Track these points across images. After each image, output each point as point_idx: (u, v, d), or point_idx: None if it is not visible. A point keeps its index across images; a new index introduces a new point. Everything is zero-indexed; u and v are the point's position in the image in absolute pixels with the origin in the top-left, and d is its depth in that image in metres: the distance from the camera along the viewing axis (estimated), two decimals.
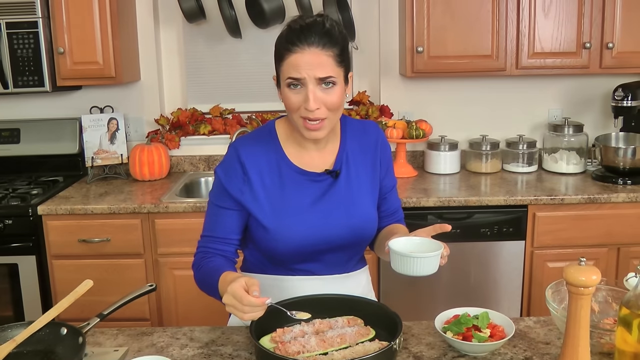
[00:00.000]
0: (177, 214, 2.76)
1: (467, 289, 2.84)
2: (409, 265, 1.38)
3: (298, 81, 1.48)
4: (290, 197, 1.58)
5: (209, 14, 3.26)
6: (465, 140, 3.34)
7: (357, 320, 1.51)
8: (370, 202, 1.66)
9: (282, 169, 1.59)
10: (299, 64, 1.47)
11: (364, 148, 1.67)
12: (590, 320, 1.42)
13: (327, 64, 1.48)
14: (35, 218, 2.76)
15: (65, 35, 2.90)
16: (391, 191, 1.74)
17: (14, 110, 3.33)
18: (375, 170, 1.68)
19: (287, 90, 1.51)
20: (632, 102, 2.96)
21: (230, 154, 1.61)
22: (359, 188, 1.64)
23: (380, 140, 1.71)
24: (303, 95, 1.48)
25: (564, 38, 2.95)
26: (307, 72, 1.46)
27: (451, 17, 2.92)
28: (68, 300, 1.51)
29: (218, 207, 1.61)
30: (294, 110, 1.51)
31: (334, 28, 1.52)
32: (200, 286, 1.59)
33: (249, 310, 1.32)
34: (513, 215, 2.77)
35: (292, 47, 1.48)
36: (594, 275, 1.23)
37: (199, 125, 3.31)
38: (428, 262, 1.38)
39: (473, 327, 1.45)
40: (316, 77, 1.47)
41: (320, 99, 1.48)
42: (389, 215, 1.74)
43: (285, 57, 1.50)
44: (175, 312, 2.86)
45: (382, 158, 1.70)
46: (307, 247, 1.58)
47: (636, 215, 2.78)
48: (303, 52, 1.47)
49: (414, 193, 2.83)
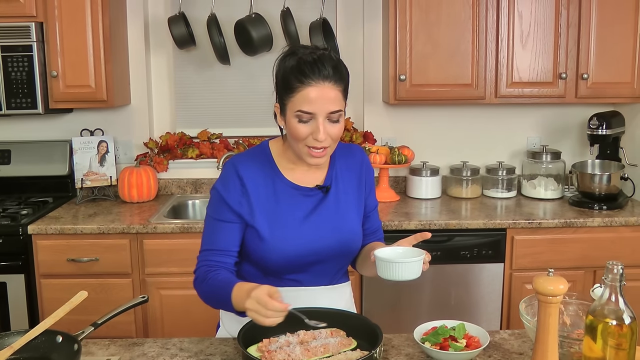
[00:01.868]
0: (165, 234, 2.82)
1: (448, 309, 2.91)
2: (394, 270, 1.49)
3: (309, 115, 1.53)
4: (283, 210, 1.66)
5: (198, 40, 3.36)
6: (446, 166, 3.44)
7: (340, 332, 1.58)
8: (356, 218, 1.75)
9: (276, 183, 1.67)
10: (312, 99, 1.52)
11: (350, 167, 1.77)
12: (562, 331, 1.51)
13: (337, 99, 1.55)
14: (25, 237, 2.80)
15: (59, 59, 2.98)
16: (373, 211, 1.84)
17: (6, 131, 3.38)
18: (361, 188, 1.78)
19: (294, 122, 1.55)
20: (607, 131, 3.08)
21: (228, 169, 1.68)
22: (346, 204, 1.73)
23: (365, 162, 1.81)
24: (312, 127, 1.54)
25: (540, 68, 3.07)
26: (320, 107, 1.52)
27: (433, 46, 3.04)
28: (64, 309, 1.56)
29: (217, 221, 1.66)
30: (300, 140, 1.57)
31: (340, 62, 1.59)
32: (207, 299, 1.63)
33: (272, 314, 1.40)
34: (492, 238, 2.86)
35: (306, 80, 1.52)
36: (561, 284, 1.31)
37: (187, 149, 3.38)
38: (411, 267, 1.49)
39: (450, 338, 1.52)
40: (328, 111, 1.53)
41: (328, 131, 1.55)
42: (371, 233, 1.83)
43: (298, 90, 1.53)
44: (162, 331, 2.90)
45: (367, 179, 1.80)
46: (299, 258, 1.65)
47: (610, 239, 2.87)
48: (317, 87, 1.52)
49: (396, 217, 2.91)
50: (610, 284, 1.34)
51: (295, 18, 3.24)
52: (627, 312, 1.32)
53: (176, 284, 2.83)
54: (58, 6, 2.94)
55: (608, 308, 1.33)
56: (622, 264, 1.34)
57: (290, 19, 3.17)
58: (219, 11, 3.25)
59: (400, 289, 2.89)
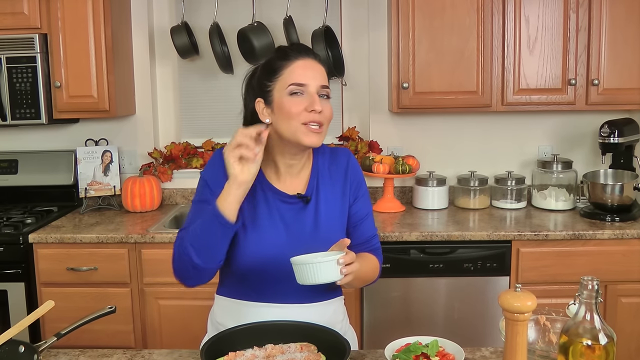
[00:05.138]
0: (163, 244, 2.80)
1: (451, 323, 2.82)
2: (308, 273, 1.42)
3: (302, 87, 1.54)
4: (260, 212, 1.63)
5: (202, 50, 3.35)
6: (454, 176, 3.35)
7: (311, 347, 1.52)
8: (339, 229, 1.69)
9: (256, 183, 1.62)
10: (303, 71, 1.55)
11: (333, 176, 1.71)
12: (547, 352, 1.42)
13: (324, 76, 1.59)
14: (26, 246, 2.82)
15: (62, 69, 3.00)
16: (364, 219, 1.74)
17: (13, 141, 3.43)
18: (345, 197, 1.71)
19: (288, 99, 1.55)
20: (619, 139, 2.96)
21: (215, 155, 1.67)
22: (327, 214, 1.66)
23: (351, 165, 1.73)
24: (306, 100, 1.54)
25: (549, 75, 2.98)
26: (312, 79, 1.55)
27: (436, 53, 2.98)
28: (29, 319, 1.56)
29: (200, 202, 1.63)
30: (294, 117, 1.54)
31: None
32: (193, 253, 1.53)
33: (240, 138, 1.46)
34: (497, 250, 2.77)
35: (291, 56, 1.57)
36: (529, 301, 1.24)
37: (191, 158, 3.37)
38: (325, 268, 1.42)
39: (422, 355, 1.45)
40: (319, 84, 1.55)
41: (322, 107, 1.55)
42: (361, 243, 1.73)
43: (285, 66, 1.56)
44: (160, 341, 2.88)
45: (353, 185, 1.72)
46: (273, 266, 1.59)
47: (622, 252, 2.75)
48: (304, 60, 1.57)
49: (397, 227, 2.84)
50: (586, 301, 1.26)
51: (300, 26, 3.21)
52: (604, 331, 1.24)
53: (174, 294, 2.81)
54: (61, 18, 2.97)
55: (583, 327, 1.25)
56: (598, 280, 1.26)
57: (292, 28, 3.14)
58: (222, 20, 3.25)
59: (401, 303, 2.81)
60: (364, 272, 1.63)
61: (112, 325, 2.79)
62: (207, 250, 1.53)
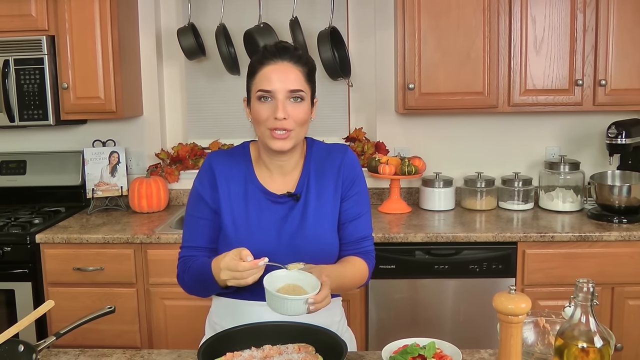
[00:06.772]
0: (168, 244, 2.81)
1: (456, 324, 2.81)
2: (276, 304, 1.43)
3: (269, 93, 1.56)
4: (251, 213, 1.64)
5: (209, 51, 3.37)
6: (460, 177, 3.34)
7: (309, 348, 1.52)
8: (330, 228, 1.68)
9: (247, 184, 1.66)
10: (271, 77, 1.56)
11: (326, 173, 1.69)
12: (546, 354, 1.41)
13: (298, 79, 1.58)
14: (33, 246, 2.84)
15: (70, 71, 3.03)
16: (355, 219, 1.71)
17: (22, 142, 3.47)
18: (337, 195, 1.69)
19: (257, 103, 1.58)
20: (627, 140, 2.93)
21: (204, 164, 1.71)
22: (316, 212, 1.66)
23: (345, 163, 1.70)
24: (272, 107, 1.56)
25: (555, 75, 2.95)
26: (278, 84, 1.55)
27: (442, 54, 2.96)
28: (29, 319, 1.56)
29: (195, 218, 1.68)
30: (262, 122, 1.57)
31: (305, 54, 1.64)
32: (194, 289, 1.69)
33: (248, 274, 1.43)
34: (502, 252, 2.75)
35: (265, 60, 1.58)
36: (523, 303, 1.23)
37: (198, 159, 3.38)
38: (292, 305, 1.41)
39: (419, 357, 1.45)
40: (287, 89, 1.55)
41: (289, 112, 1.55)
42: (349, 243, 1.71)
43: (258, 70, 1.58)
44: (166, 341, 2.89)
45: (346, 183, 1.70)
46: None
47: (629, 254, 2.72)
48: (276, 65, 1.57)
49: (402, 229, 2.84)
50: (581, 303, 1.25)
51: (306, 27, 3.22)
52: (600, 334, 1.23)
53: (180, 294, 2.73)
54: (69, 20, 2.99)
55: (579, 330, 1.24)
56: (593, 282, 1.25)
57: (298, 29, 3.15)
58: (229, 21, 3.26)
59: (406, 304, 2.81)
60: (347, 279, 1.64)
61: (118, 326, 2.81)
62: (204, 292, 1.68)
